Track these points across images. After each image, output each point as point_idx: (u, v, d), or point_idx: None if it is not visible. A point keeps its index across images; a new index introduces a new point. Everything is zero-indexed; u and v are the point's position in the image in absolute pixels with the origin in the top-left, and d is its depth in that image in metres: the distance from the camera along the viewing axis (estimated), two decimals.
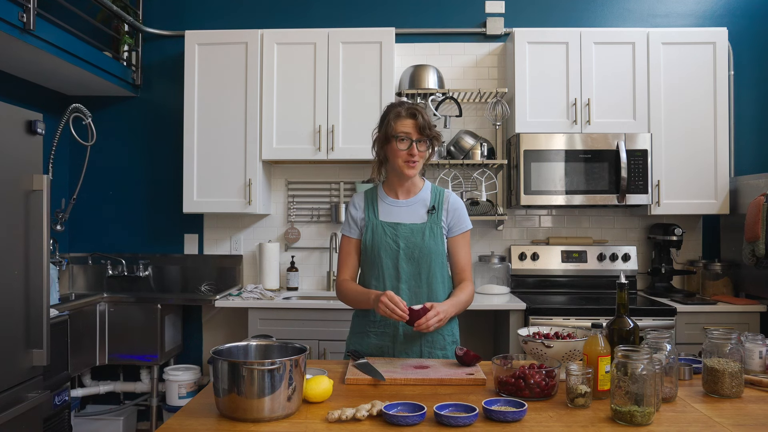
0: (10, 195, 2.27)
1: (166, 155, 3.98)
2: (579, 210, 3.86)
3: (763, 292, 3.31)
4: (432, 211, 2.14)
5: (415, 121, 2.05)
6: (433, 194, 2.18)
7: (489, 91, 3.68)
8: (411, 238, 2.10)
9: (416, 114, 2.05)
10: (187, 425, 1.48)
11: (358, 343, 2.16)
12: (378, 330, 2.13)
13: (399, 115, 2.07)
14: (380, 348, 2.12)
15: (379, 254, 2.11)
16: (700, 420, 1.51)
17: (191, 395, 3.56)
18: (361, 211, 2.18)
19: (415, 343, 2.10)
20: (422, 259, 2.10)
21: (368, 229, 2.14)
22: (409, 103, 2.12)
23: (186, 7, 4.01)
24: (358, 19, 3.91)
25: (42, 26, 2.92)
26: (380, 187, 2.22)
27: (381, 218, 2.15)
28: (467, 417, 1.45)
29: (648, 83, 3.53)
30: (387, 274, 2.11)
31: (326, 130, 3.56)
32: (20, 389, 2.29)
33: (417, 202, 2.17)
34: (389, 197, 2.18)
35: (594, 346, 1.64)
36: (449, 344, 2.15)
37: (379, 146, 2.14)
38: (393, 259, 2.11)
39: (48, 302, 2.43)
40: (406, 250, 2.10)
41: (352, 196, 2.26)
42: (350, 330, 2.25)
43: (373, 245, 2.12)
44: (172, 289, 3.95)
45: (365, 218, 2.16)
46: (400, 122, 2.06)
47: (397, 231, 2.12)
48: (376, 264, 2.13)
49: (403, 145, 2.06)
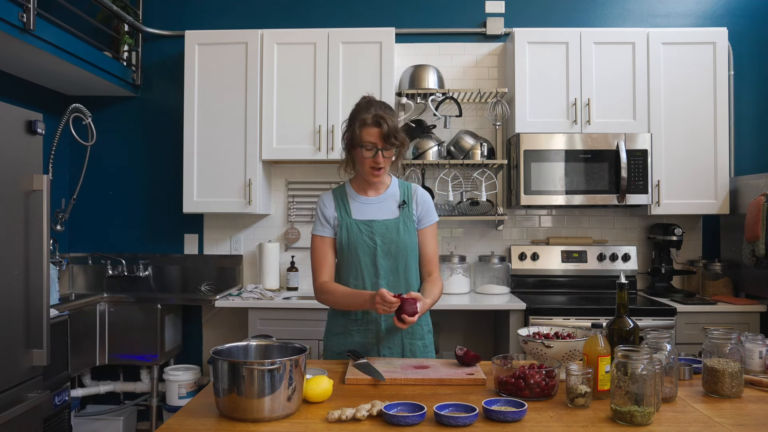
0: (10, 195, 2.27)
1: (166, 155, 3.98)
2: (579, 210, 3.86)
3: (763, 292, 3.31)
4: (403, 205, 2.16)
5: (380, 130, 2.03)
6: (402, 189, 2.20)
7: (489, 91, 3.68)
8: (387, 234, 2.12)
9: (381, 122, 2.03)
10: (187, 425, 1.48)
11: (340, 344, 2.16)
12: (361, 328, 2.14)
13: (365, 123, 2.05)
14: (364, 345, 2.13)
15: (357, 252, 2.12)
16: (700, 420, 1.51)
17: (191, 395, 3.56)
18: (332, 209, 2.17)
19: (397, 336, 2.13)
20: (399, 254, 2.12)
21: (342, 228, 2.14)
22: (376, 107, 2.08)
23: (186, 7, 4.01)
24: (358, 19, 3.91)
25: (42, 26, 2.92)
26: (348, 186, 2.23)
27: (354, 217, 2.15)
28: (467, 417, 1.45)
29: (648, 83, 3.53)
30: (366, 272, 2.12)
31: (326, 130, 3.56)
32: (20, 389, 2.29)
33: (387, 198, 2.19)
34: (359, 195, 2.19)
35: (594, 346, 1.64)
36: (426, 333, 2.19)
37: (347, 148, 2.14)
38: (371, 256, 2.12)
39: (48, 302, 2.43)
40: (383, 247, 2.11)
41: (320, 196, 2.24)
42: (328, 331, 2.22)
43: (350, 244, 2.13)
44: (172, 289, 3.95)
45: (338, 217, 2.16)
46: (366, 131, 2.05)
47: (372, 228, 2.13)
48: (353, 263, 2.13)
49: (369, 153, 2.06)
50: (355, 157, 2.13)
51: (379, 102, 2.12)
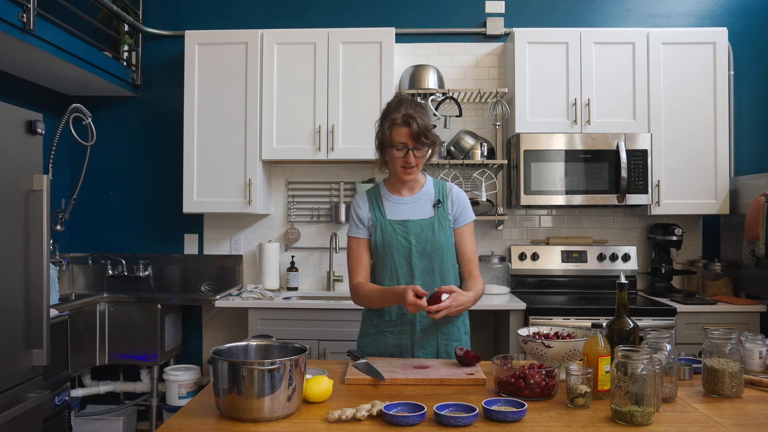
0: (10, 195, 2.27)
1: (166, 155, 3.98)
2: (579, 210, 3.86)
3: (763, 292, 3.31)
4: (438, 204, 2.14)
5: (410, 130, 2.01)
6: (436, 188, 2.18)
7: (489, 91, 3.68)
8: (421, 234, 2.10)
9: (411, 122, 2.01)
10: (187, 425, 1.48)
11: (374, 345, 2.14)
12: (395, 329, 2.11)
13: (394, 122, 2.03)
14: (398, 347, 2.11)
15: (392, 253, 2.10)
16: (700, 420, 1.51)
17: (191, 395, 3.56)
18: (366, 210, 2.15)
19: (432, 337, 2.10)
20: (434, 254, 2.10)
21: (377, 229, 2.12)
22: (407, 105, 2.06)
23: (186, 7, 4.01)
24: (358, 19, 3.91)
25: (42, 26, 2.92)
26: (382, 186, 2.21)
27: (389, 217, 2.13)
28: (467, 417, 1.45)
29: (648, 83, 3.53)
30: (401, 273, 2.10)
31: (326, 130, 3.56)
32: (20, 389, 2.29)
33: (422, 197, 2.16)
34: (393, 195, 2.17)
35: (594, 346, 1.64)
36: (463, 335, 2.16)
37: (379, 148, 2.13)
38: (406, 257, 2.10)
39: (48, 302, 2.43)
40: (417, 247, 2.09)
41: (354, 197, 2.23)
42: (362, 332, 2.20)
43: (384, 245, 2.11)
44: (172, 289, 3.95)
45: (372, 218, 2.14)
46: (396, 131, 2.03)
47: (407, 228, 2.11)
48: (388, 263, 2.11)
49: (400, 153, 2.04)
50: (387, 156, 2.11)
51: (410, 100, 2.08)
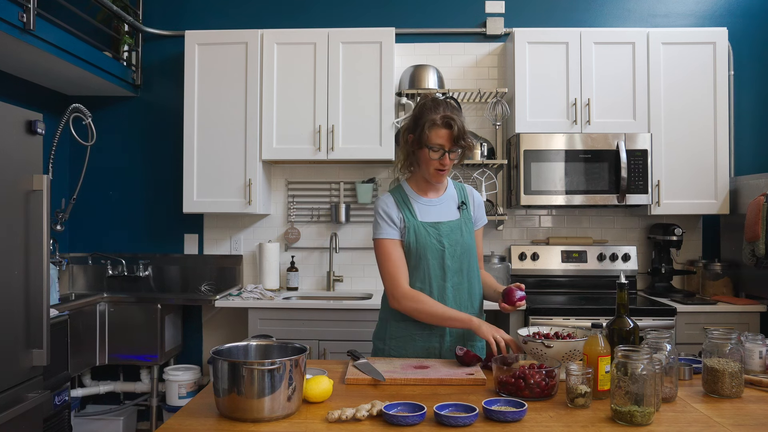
0: (10, 195, 2.27)
1: (166, 155, 3.98)
2: (579, 210, 3.86)
3: (763, 292, 3.31)
4: (462, 206, 2.15)
5: (450, 132, 1.99)
6: (458, 190, 2.20)
7: (489, 91, 3.68)
8: (452, 236, 2.09)
9: (452, 124, 1.99)
10: (187, 425, 1.48)
11: (401, 348, 2.11)
12: (425, 332, 2.10)
13: (434, 123, 2.00)
14: (427, 350, 2.10)
15: (425, 255, 2.07)
16: (700, 420, 1.51)
17: (191, 395, 3.56)
18: (396, 210, 2.10)
19: (459, 340, 2.12)
20: (464, 255, 2.10)
21: (410, 230, 2.08)
22: (444, 107, 2.03)
23: (186, 7, 4.01)
24: (358, 19, 3.91)
25: (42, 26, 2.92)
26: (407, 186, 2.16)
27: (420, 219, 2.10)
28: (467, 417, 1.45)
29: (648, 83, 3.53)
30: (433, 275, 2.08)
31: (326, 130, 3.56)
32: (20, 389, 2.29)
33: (447, 199, 2.16)
34: (421, 196, 2.14)
35: (594, 346, 1.64)
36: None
37: (410, 147, 2.08)
38: (438, 259, 2.08)
39: (48, 302, 2.43)
40: (450, 249, 2.08)
41: (378, 198, 2.16)
42: (386, 334, 2.15)
43: (418, 247, 2.07)
44: (172, 289, 3.95)
45: (404, 219, 2.09)
46: (435, 132, 2.00)
47: (439, 230, 2.09)
48: (420, 266, 2.08)
49: (436, 155, 2.02)
50: (419, 157, 2.07)
51: (446, 102, 2.06)
